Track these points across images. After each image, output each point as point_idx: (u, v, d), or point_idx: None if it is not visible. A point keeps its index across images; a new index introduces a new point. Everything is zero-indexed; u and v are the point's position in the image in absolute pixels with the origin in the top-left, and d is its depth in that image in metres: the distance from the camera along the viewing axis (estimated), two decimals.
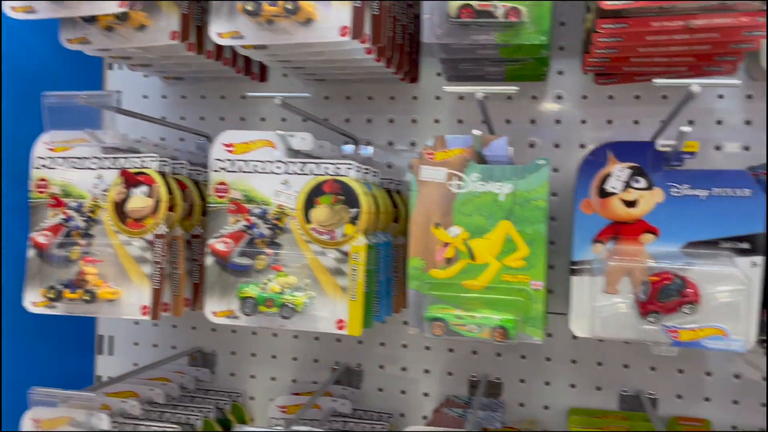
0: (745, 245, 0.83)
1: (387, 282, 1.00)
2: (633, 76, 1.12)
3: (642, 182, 0.87)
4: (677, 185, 0.86)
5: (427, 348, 1.22)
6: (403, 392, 1.23)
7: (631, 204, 0.87)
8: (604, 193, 0.88)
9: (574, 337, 1.16)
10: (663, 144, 0.85)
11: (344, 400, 1.16)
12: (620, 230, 0.87)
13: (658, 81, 0.76)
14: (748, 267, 0.83)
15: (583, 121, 1.15)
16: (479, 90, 0.80)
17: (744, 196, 0.83)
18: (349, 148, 1.22)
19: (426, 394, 1.22)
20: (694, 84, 0.74)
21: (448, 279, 0.89)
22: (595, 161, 0.88)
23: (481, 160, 0.90)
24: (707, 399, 1.11)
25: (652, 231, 0.87)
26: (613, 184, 0.88)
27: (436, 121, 1.20)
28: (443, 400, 1.18)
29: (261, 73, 1.26)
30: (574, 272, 0.88)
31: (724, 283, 0.82)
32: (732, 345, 0.81)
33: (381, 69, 1.08)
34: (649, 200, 0.87)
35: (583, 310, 0.88)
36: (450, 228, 0.89)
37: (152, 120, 1.11)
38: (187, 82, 1.30)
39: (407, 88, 1.22)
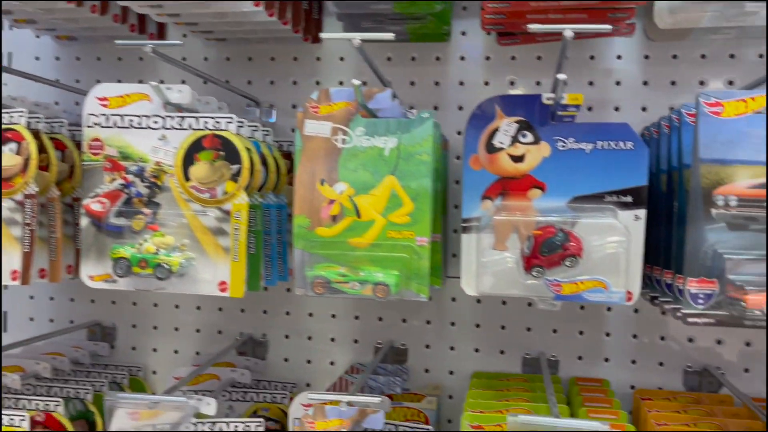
0: (628, 198, 0.83)
1: (282, 245, 0.97)
2: (535, 37, 1.11)
3: (529, 137, 0.86)
4: (563, 139, 0.85)
5: (333, 316, 1.20)
6: (309, 362, 1.21)
7: (518, 159, 0.86)
8: (492, 149, 0.86)
9: (479, 301, 1.15)
10: (547, 97, 0.83)
11: (245, 370, 1.12)
12: (508, 186, 0.86)
13: (533, 27, 0.75)
14: (631, 220, 0.83)
15: (487, 83, 1.13)
16: (356, 36, 0.77)
17: (627, 149, 0.83)
18: (252, 111, 1.18)
19: (332, 363, 1.20)
20: (567, 29, 0.73)
21: (334, 237, 0.86)
22: (483, 115, 0.87)
23: (373, 114, 0.88)
24: (607, 359, 1.12)
25: (540, 186, 0.86)
26: (501, 139, 0.86)
27: (340, 82, 1.17)
28: (348, 368, 1.16)
29: (159, 33, 1.20)
30: (464, 230, 0.86)
31: (606, 237, 0.82)
32: (612, 297, 0.81)
33: (278, 26, 1.04)
34: (536, 155, 0.86)
35: (472, 268, 0.86)
36: (335, 184, 0.86)
37: (41, 80, 1.05)
38: (81, 42, 1.24)
39: (310, 49, 1.18)
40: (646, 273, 0.95)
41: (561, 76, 0.76)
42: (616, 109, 1.09)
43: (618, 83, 1.09)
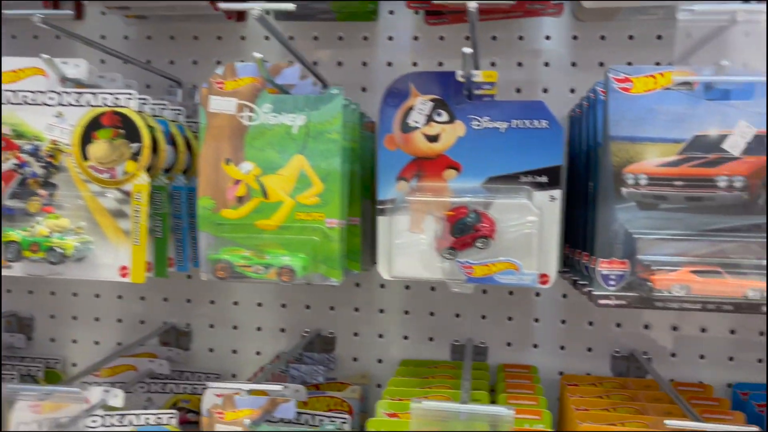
0: (544, 179, 0.81)
1: (194, 230, 0.92)
2: (463, 17, 1.09)
3: (444, 115, 0.83)
4: (478, 118, 0.82)
5: (260, 305, 1.16)
6: (234, 351, 1.17)
7: (433, 139, 0.83)
8: (406, 128, 0.83)
9: (407, 288, 1.12)
10: (461, 74, 0.81)
11: (163, 361, 1.08)
12: (423, 166, 0.83)
13: (436, 1, 0.72)
14: (547, 201, 0.81)
15: (415, 64, 1.10)
16: (255, 6, 0.73)
17: (541, 127, 0.81)
18: (175, 92, 1.14)
19: (258, 353, 1.16)
20: (472, 3, 0.70)
21: (240, 219, 0.82)
22: (397, 93, 0.83)
23: (284, 91, 0.84)
24: (536, 345, 1.10)
25: (455, 166, 0.83)
26: (416, 118, 0.83)
27: (265, 62, 1.13)
28: (274, 358, 1.12)
29: (77, 12, 1.15)
30: (379, 212, 0.83)
31: (518, 217, 0.79)
32: (524, 279, 0.79)
33: (200, 3, 0.99)
34: (450, 134, 0.83)
35: (387, 251, 0.83)
36: (241, 164, 0.82)
37: None
38: None
39: (235, 28, 1.14)
40: (570, 256, 0.94)
41: (466, 50, 0.74)
42: (545, 90, 1.07)
43: (546, 64, 1.07)
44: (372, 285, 1.13)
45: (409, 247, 0.83)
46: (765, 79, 0.71)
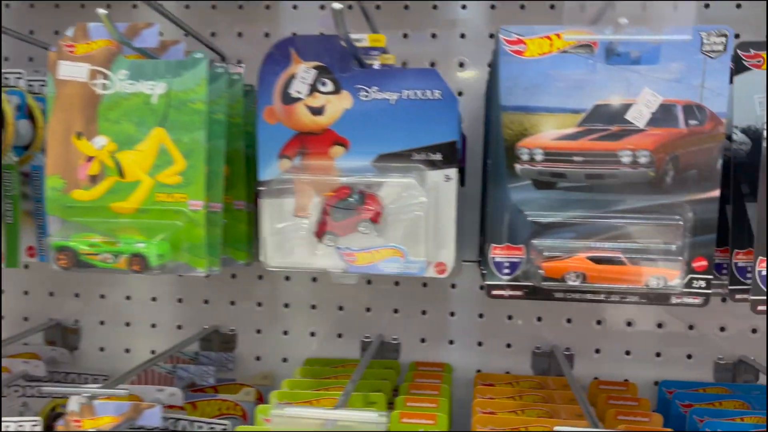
0: (438, 156, 0.72)
1: None
2: None
3: (329, 85, 0.74)
4: (366, 88, 0.73)
5: (154, 299, 1.06)
6: (127, 351, 1.07)
7: (317, 111, 0.74)
8: (288, 99, 0.73)
9: (314, 279, 1.03)
10: (342, 38, 0.72)
11: (39, 362, 0.98)
12: (307, 142, 0.74)
13: None
14: (442, 181, 0.72)
15: (321, 34, 1.01)
16: None
17: (434, 99, 0.72)
18: None
19: (153, 352, 1.06)
20: None
21: (93, 201, 0.72)
22: (278, 60, 0.74)
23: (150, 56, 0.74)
24: (451, 342, 1.02)
25: (342, 143, 0.74)
26: (298, 88, 0.74)
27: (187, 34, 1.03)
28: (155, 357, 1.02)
29: None
30: (260, 194, 0.74)
31: (405, 199, 0.71)
32: (411, 268, 0.70)
33: None
34: (336, 106, 0.74)
35: (267, 237, 0.74)
36: (94, 138, 0.72)
37: None
38: None
39: None
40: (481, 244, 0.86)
41: (337, 5, 0.64)
42: (461, 65, 0.99)
43: (463, 36, 0.98)
44: (276, 277, 1.03)
45: (291, 232, 0.73)
46: (677, 39, 0.64)
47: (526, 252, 0.66)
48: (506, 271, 0.67)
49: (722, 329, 0.97)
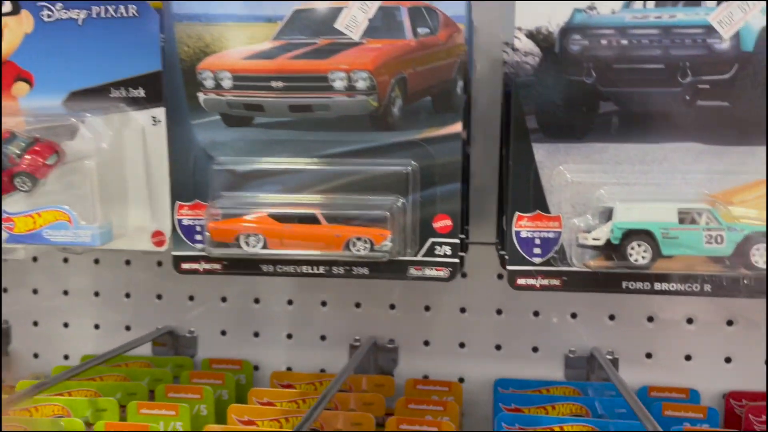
0: (140, 92, 0.56)
1: None
2: None
3: (6, 5, 0.58)
4: (49, 5, 0.57)
5: None
6: None
7: None
8: None
9: (97, 262, 0.87)
10: None
11: None
12: None
13: None
14: (149, 124, 0.56)
15: None
16: None
17: (129, 16, 0.56)
18: None
19: None
20: None
21: None
22: None
23: None
24: (256, 334, 0.85)
25: (26, 78, 0.58)
26: None
27: None
28: None
29: None
30: None
31: (77, 146, 0.55)
32: (81, 237, 0.54)
33: None
34: (16, 31, 0.58)
35: None
36: None
37: None
38: None
39: None
40: None
41: None
42: None
43: None
44: (53, 259, 0.87)
45: None
46: None
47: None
48: (198, 238, 0.51)
49: (573, 315, 0.80)
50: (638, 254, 0.46)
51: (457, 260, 0.49)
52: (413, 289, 0.82)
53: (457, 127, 0.48)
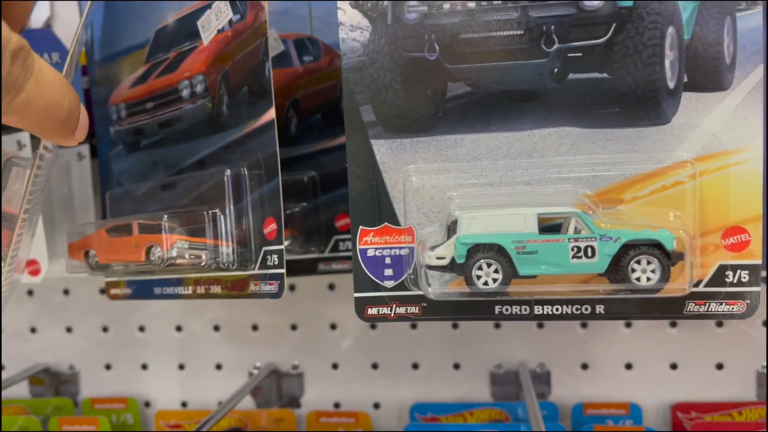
0: None
1: None
2: None
3: None
4: None
5: None
6: None
7: None
8: None
9: None
10: None
11: None
12: None
13: None
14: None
15: None
16: None
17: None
18: None
19: None
20: None
21: None
22: None
23: None
24: (145, 367, 0.76)
25: None
26: None
27: None
28: None
29: None
30: None
31: None
32: None
33: None
34: None
35: None
36: None
37: None
38: None
39: None
40: None
41: None
42: None
43: None
44: None
45: None
46: None
47: None
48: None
49: (497, 325, 0.71)
50: (487, 276, 0.36)
51: (282, 270, 0.39)
52: (316, 305, 0.72)
53: (270, 115, 0.38)
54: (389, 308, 0.41)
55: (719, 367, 0.67)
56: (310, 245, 0.53)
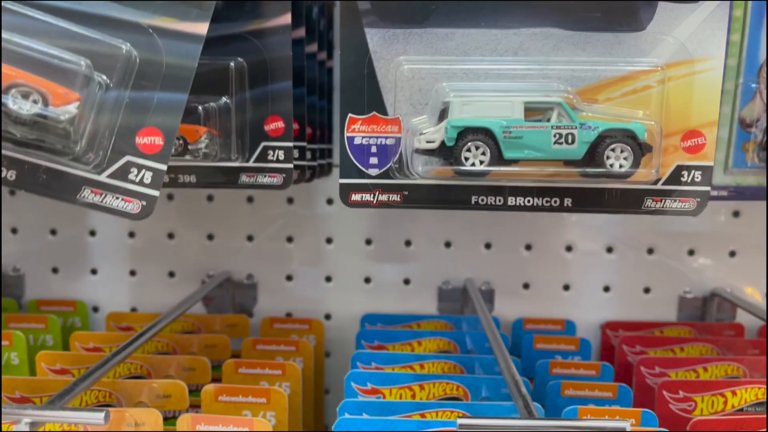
0: None
1: None
2: None
3: None
4: None
5: None
6: None
7: None
8: None
9: None
10: None
11: None
12: None
13: None
14: None
15: None
16: None
17: None
18: None
19: None
20: None
21: None
22: None
23: None
24: (94, 272, 0.75)
25: None
26: None
27: None
28: None
29: None
30: None
31: None
32: None
33: None
34: None
35: None
36: None
37: None
38: None
39: None
40: None
41: None
42: None
43: None
44: None
45: None
46: None
47: None
48: None
49: (447, 244, 0.74)
50: (475, 157, 0.39)
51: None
52: (273, 218, 0.73)
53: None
54: (372, 195, 0.42)
55: (646, 291, 0.74)
56: (231, 151, 0.47)
